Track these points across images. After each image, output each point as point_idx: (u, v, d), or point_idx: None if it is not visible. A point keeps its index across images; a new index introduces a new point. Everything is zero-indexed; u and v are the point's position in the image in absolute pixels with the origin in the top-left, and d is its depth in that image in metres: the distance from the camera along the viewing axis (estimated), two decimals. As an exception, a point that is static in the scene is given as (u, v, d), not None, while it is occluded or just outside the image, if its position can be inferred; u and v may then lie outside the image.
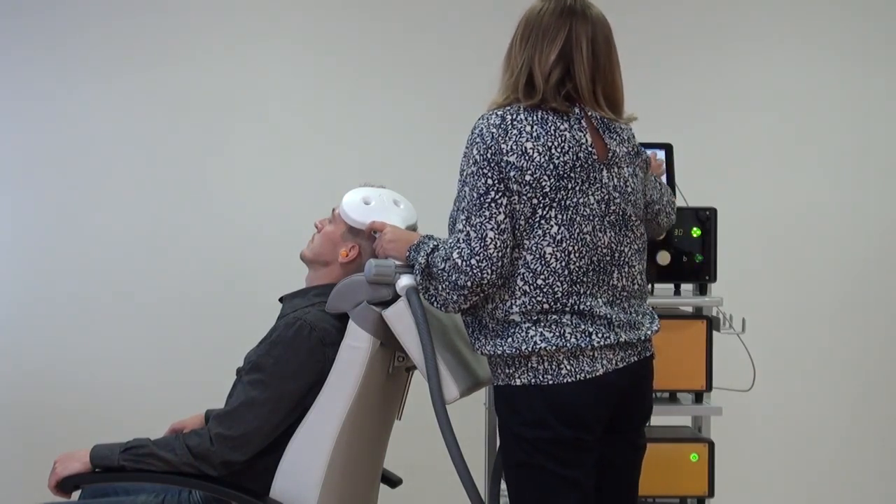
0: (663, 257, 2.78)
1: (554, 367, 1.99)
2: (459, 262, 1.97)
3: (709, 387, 2.78)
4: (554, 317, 2.00)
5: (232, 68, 3.79)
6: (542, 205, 1.99)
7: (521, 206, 1.98)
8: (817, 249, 3.84)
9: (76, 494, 2.35)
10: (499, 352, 2.02)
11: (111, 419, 3.60)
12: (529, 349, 1.98)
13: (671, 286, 2.88)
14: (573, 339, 1.99)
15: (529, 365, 2.00)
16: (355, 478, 2.37)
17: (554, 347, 1.98)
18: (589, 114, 2.07)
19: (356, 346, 2.21)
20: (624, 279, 2.08)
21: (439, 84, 3.81)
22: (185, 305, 3.76)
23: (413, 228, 2.39)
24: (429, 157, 3.78)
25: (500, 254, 1.97)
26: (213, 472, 2.22)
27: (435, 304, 2.07)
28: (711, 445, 2.77)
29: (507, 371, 2.03)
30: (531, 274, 2.00)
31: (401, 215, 2.39)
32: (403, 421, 2.49)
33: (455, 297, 2.01)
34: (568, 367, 1.99)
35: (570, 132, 2.02)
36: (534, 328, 1.99)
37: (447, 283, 2.00)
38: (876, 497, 3.87)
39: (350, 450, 2.27)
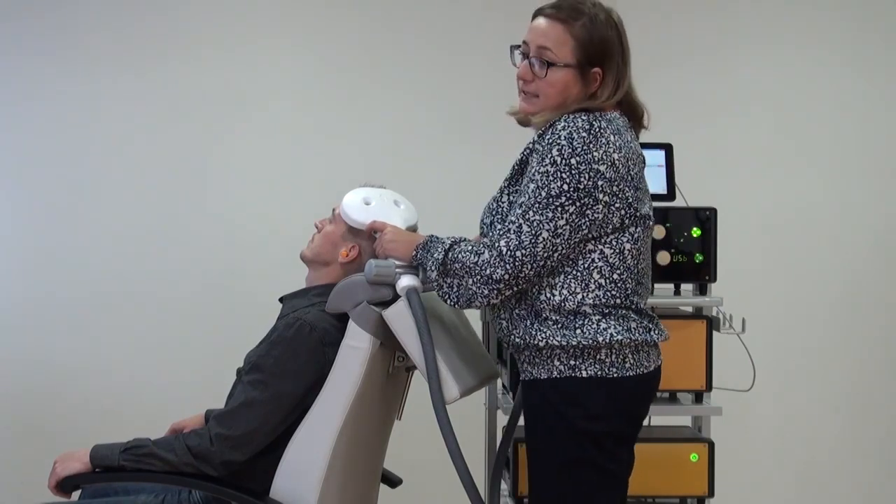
0: (663, 257, 2.78)
1: (620, 360, 2.02)
2: (504, 250, 1.96)
3: (709, 387, 2.79)
4: (622, 311, 2.03)
5: (232, 68, 3.79)
6: (628, 215, 2.01)
7: (610, 216, 1.99)
8: (817, 249, 3.84)
9: (76, 494, 2.34)
10: (570, 342, 2.00)
11: (111, 419, 3.61)
12: (606, 340, 1.99)
13: (671, 286, 2.88)
14: (637, 334, 2.02)
15: (598, 357, 2.01)
16: (355, 478, 2.37)
17: (627, 339, 2.00)
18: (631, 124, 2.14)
19: (356, 346, 2.21)
20: (649, 282, 2.17)
21: (440, 84, 3.81)
22: (185, 305, 3.76)
23: (413, 229, 2.38)
24: (429, 158, 3.79)
25: (545, 254, 1.97)
26: (213, 472, 2.22)
27: (453, 300, 2.04)
28: (711, 445, 2.77)
29: (570, 363, 2.02)
30: (609, 268, 2.02)
31: (401, 216, 2.39)
32: (403, 421, 2.49)
33: (486, 291, 1.99)
34: (631, 361, 2.03)
35: (634, 143, 2.08)
36: (605, 321, 2.01)
37: (479, 276, 1.98)
38: (876, 496, 3.87)
39: (350, 450, 2.27)
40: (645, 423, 2.86)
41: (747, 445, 3.77)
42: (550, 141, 1.99)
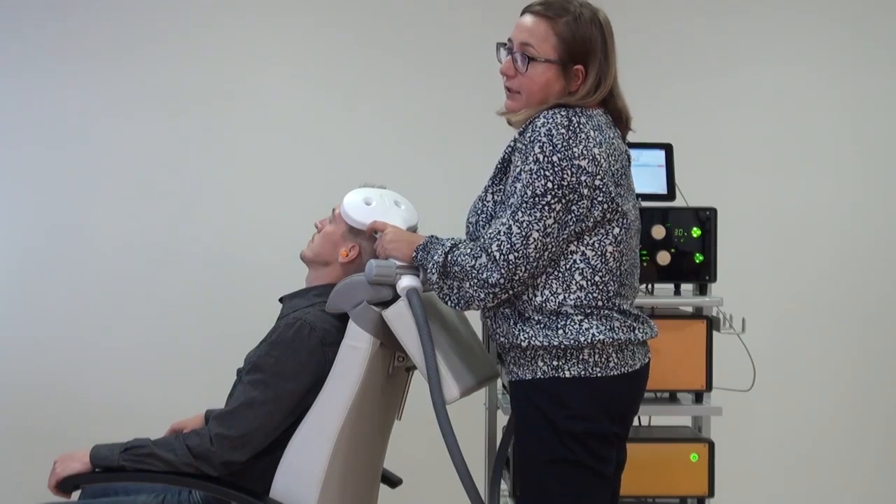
0: (663, 257, 2.78)
1: (603, 359, 2.02)
2: (497, 255, 1.96)
3: (709, 387, 2.79)
4: (605, 311, 2.03)
5: (232, 68, 3.79)
6: (610, 209, 2.01)
7: (592, 209, 1.99)
8: (817, 249, 3.84)
9: (76, 494, 2.34)
10: (552, 342, 2.00)
11: (111, 419, 3.61)
12: (588, 340, 1.99)
13: (671, 286, 2.88)
14: (621, 333, 2.02)
15: (581, 357, 2.01)
16: (355, 478, 2.37)
17: (609, 339, 2.00)
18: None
19: (356, 346, 2.21)
20: (636, 281, 2.16)
21: (440, 85, 3.81)
22: (185, 306, 3.76)
23: (413, 229, 2.39)
24: (429, 158, 3.79)
25: (537, 254, 1.97)
26: (213, 472, 2.22)
27: (453, 302, 2.05)
28: (711, 445, 2.77)
29: (553, 363, 2.02)
30: (590, 270, 2.01)
31: (402, 216, 2.39)
32: (403, 421, 2.49)
33: (482, 295, 2.00)
34: (615, 360, 2.03)
35: (616, 140, 2.08)
36: (587, 321, 2.01)
37: (476, 280, 1.99)
38: (876, 496, 3.87)
39: (350, 450, 2.28)
40: (645, 423, 2.89)
41: (747, 445, 3.77)
42: (532, 138, 1.99)
